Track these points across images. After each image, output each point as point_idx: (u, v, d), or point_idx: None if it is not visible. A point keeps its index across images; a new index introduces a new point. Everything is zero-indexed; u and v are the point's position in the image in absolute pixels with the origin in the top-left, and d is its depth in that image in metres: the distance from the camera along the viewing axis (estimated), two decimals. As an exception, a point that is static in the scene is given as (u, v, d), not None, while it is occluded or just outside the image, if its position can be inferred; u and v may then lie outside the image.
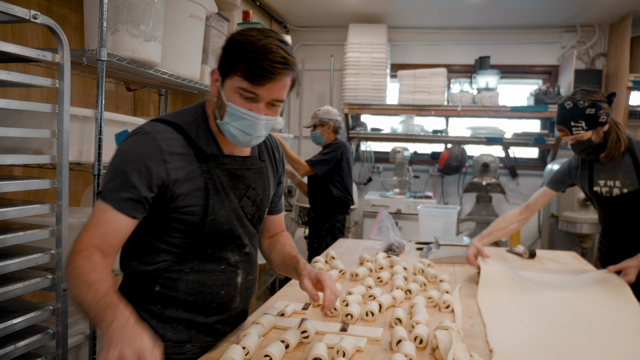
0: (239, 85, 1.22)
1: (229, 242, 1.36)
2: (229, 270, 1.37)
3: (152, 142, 1.23)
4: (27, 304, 1.64)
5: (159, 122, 1.28)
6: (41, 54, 1.53)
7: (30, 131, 1.56)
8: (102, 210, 1.19)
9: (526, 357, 1.33)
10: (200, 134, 1.31)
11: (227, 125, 1.27)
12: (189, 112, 1.34)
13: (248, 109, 1.24)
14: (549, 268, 2.41)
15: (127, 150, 1.23)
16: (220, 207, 1.31)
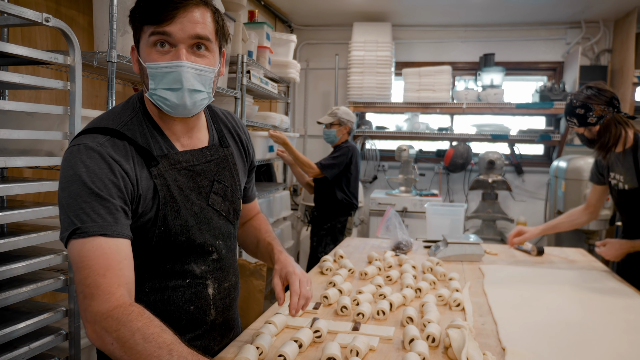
0: (148, 33, 1.06)
1: (190, 252, 1.20)
2: (196, 283, 1.23)
3: (103, 157, 1.04)
4: (39, 305, 1.65)
5: (95, 133, 1.08)
6: (53, 56, 1.54)
7: (42, 133, 1.57)
8: (96, 247, 0.97)
9: (539, 355, 1.33)
10: (145, 133, 1.13)
11: (155, 92, 1.09)
12: (124, 110, 1.15)
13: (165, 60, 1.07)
14: (557, 265, 2.41)
15: (81, 171, 1.01)
16: (174, 217, 1.15)
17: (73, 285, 1.64)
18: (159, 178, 1.12)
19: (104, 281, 0.95)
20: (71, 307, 1.64)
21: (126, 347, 0.90)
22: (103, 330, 0.92)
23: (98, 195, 1.00)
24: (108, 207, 1.01)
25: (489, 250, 2.67)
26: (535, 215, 5.04)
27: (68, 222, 1.00)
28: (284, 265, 1.29)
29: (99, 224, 0.99)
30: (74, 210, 0.99)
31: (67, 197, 1.01)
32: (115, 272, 0.97)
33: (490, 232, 4.68)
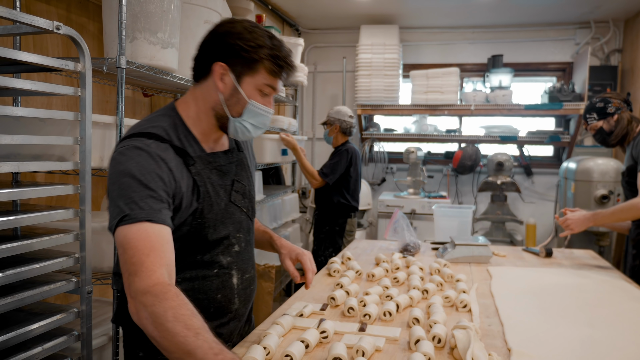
0: (264, 82, 1.24)
1: (217, 244, 1.32)
2: (222, 273, 1.34)
3: (151, 155, 1.16)
4: (52, 306, 1.68)
5: (141, 137, 1.19)
6: (64, 63, 1.57)
7: (54, 139, 1.60)
8: (142, 231, 1.06)
9: (544, 357, 1.34)
10: (181, 137, 1.26)
11: (243, 122, 1.27)
12: (162, 118, 1.27)
13: (264, 104, 1.28)
14: (566, 267, 2.40)
15: (131, 166, 1.13)
16: (209, 211, 1.27)
17: (84, 287, 1.67)
18: (197, 175, 1.25)
19: (147, 260, 1.03)
20: (83, 308, 1.67)
21: (157, 323, 0.95)
22: (141, 305, 0.98)
23: (146, 186, 1.11)
24: (154, 197, 1.11)
25: (497, 252, 2.67)
26: (544, 217, 5.01)
27: (117, 211, 1.09)
28: (291, 248, 1.48)
29: (146, 211, 1.08)
30: (124, 200, 1.09)
31: (117, 190, 1.11)
32: (158, 253, 1.05)
33: (500, 234, 4.67)
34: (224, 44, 1.22)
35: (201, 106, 1.29)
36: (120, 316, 1.35)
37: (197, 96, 1.29)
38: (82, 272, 1.67)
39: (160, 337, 0.95)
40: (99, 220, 2.01)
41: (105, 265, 1.98)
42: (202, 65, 1.27)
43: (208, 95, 1.27)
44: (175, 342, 0.92)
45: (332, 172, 3.56)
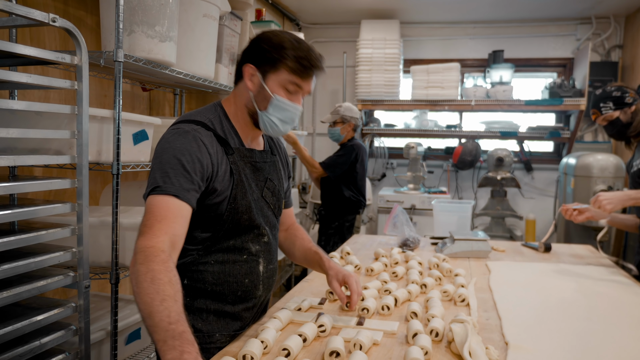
0: (287, 78, 1.35)
1: (248, 231, 1.43)
2: (251, 259, 1.44)
3: (195, 139, 1.29)
4: (50, 301, 1.68)
5: (189, 122, 1.34)
6: (60, 56, 1.57)
7: (51, 132, 1.59)
8: (165, 202, 1.19)
9: (542, 350, 1.34)
10: (224, 130, 1.39)
11: (270, 116, 1.38)
12: (208, 110, 1.42)
13: (290, 100, 1.38)
14: (565, 261, 2.40)
15: (175, 145, 1.26)
16: (242, 198, 1.38)
17: (82, 281, 1.67)
18: (234, 164, 1.37)
19: (157, 225, 1.14)
20: (80, 303, 1.66)
21: (137, 280, 1.04)
22: (135, 261, 1.07)
23: (183, 166, 1.23)
24: (187, 178, 1.23)
25: (496, 247, 2.67)
26: (544, 213, 5.01)
27: (152, 182, 1.22)
28: (338, 270, 1.52)
29: (176, 187, 1.20)
30: (160, 173, 1.22)
31: (158, 163, 1.25)
32: (169, 223, 1.16)
33: (499, 230, 4.66)
34: (253, 48, 1.38)
35: (238, 104, 1.43)
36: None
37: (235, 95, 1.44)
38: (79, 267, 1.67)
39: (135, 293, 1.03)
40: (96, 215, 2.01)
41: (103, 260, 1.97)
42: (238, 69, 1.42)
43: (242, 94, 1.41)
44: (143, 302, 1.00)
45: (333, 165, 3.57)
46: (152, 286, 1.01)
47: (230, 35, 2.82)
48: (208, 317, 1.40)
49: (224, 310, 1.41)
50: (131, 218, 2.01)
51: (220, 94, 3.27)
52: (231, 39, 2.85)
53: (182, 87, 2.99)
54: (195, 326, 1.38)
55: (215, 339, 1.40)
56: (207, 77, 2.51)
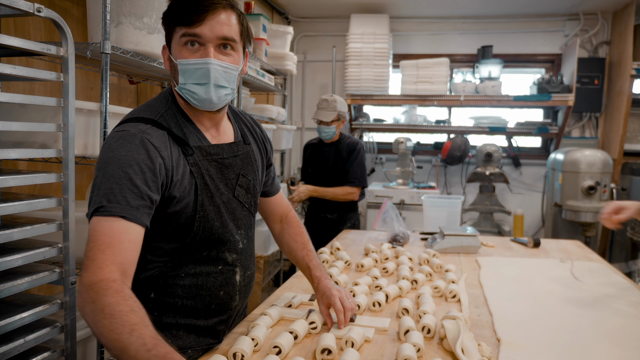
0: (180, 34, 1.17)
1: (223, 241, 1.29)
2: (227, 270, 1.32)
3: (143, 143, 1.12)
4: (35, 297, 1.65)
5: (137, 122, 1.18)
6: (45, 47, 1.53)
7: (36, 125, 1.55)
8: (109, 226, 1.03)
9: (533, 346, 1.34)
10: (180, 124, 1.23)
11: (184, 86, 1.19)
12: (158, 103, 1.25)
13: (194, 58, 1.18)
14: (554, 257, 2.41)
15: (120, 154, 1.09)
16: (210, 203, 1.24)
17: (68, 277, 1.63)
18: (194, 166, 1.21)
19: (100, 256, 1.00)
20: (67, 299, 1.63)
21: (95, 320, 0.92)
22: (84, 300, 0.96)
23: (130, 179, 1.08)
24: (135, 193, 1.08)
25: (485, 242, 2.68)
26: (532, 208, 5.04)
27: (96, 200, 1.06)
28: (324, 291, 1.43)
29: (122, 205, 1.05)
30: (104, 189, 1.06)
31: (101, 177, 1.08)
32: (114, 251, 1.02)
33: (488, 225, 4.69)
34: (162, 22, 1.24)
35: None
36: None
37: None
38: (65, 263, 1.64)
39: (98, 333, 0.92)
40: (83, 210, 1.96)
41: (89, 255, 1.94)
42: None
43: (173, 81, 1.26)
44: (111, 339, 0.90)
45: (363, 176, 3.20)
46: (113, 321, 0.90)
47: (219, 28, 2.78)
48: (178, 333, 1.27)
49: (195, 324, 1.28)
50: (118, 213, 1.97)
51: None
52: (220, 31, 2.81)
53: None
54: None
55: (187, 355, 1.26)
56: (196, 70, 2.47)
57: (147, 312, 0.97)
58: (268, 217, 1.62)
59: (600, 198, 4.01)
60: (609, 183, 4.05)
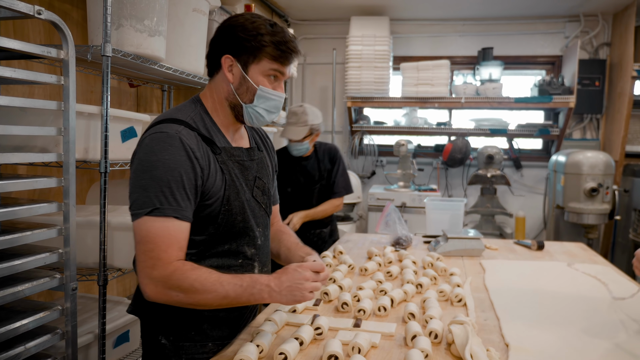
0: (269, 67, 1.30)
1: (243, 234, 1.38)
2: (246, 263, 1.40)
3: (182, 145, 1.23)
4: (35, 304, 1.63)
5: (171, 123, 1.27)
6: (45, 50, 1.51)
7: (36, 129, 1.54)
8: (165, 227, 1.18)
9: (542, 351, 1.32)
10: (207, 127, 1.33)
11: (256, 107, 1.34)
12: (187, 108, 1.35)
13: (274, 89, 1.34)
14: (558, 259, 2.39)
15: (164, 158, 1.21)
16: (235, 199, 1.34)
17: (69, 283, 1.61)
18: (223, 164, 1.32)
19: (165, 255, 1.18)
20: (67, 305, 1.61)
21: (190, 293, 1.17)
22: (166, 289, 1.17)
23: (177, 182, 1.20)
24: (183, 194, 1.21)
25: (488, 244, 2.66)
26: (534, 210, 5.02)
27: (147, 201, 1.18)
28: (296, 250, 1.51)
29: (174, 207, 1.19)
30: (155, 192, 1.19)
31: (149, 179, 1.19)
32: (174, 248, 1.20)
33: (489, 227, 4.66)
34: (228, 37, 1.30)
35: (216, 98, 1.37)
36: (141, 305, 1.39)
37: (212, 89, 1.37)
38: (66, 268, 1.62)
39: (196, 303, 1.18)
40: (83, 214, 1.95)
41: (90, 261, 1.92)
42: (213, 61, 1.35)
43: (221, 87, 1.35)
44: (210, 298, 1.17)
45: (347, 183, 3.05)
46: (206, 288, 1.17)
47: (220, 31, 2.77)
48: (202, 326, 1.36)
49: (217, 316, 1.37)
50: (119, 217, 1.95)
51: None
52: (221, 34, 2.79)
53: (170, 83, 2.93)
54: (188, 335, 1.34)
55: (208, 348, 1.36)
56: (197, 73, 2.46)
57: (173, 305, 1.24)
58: None
59: (602, 200, 4.00)
60: (611, 185, 4.03)
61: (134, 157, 1.26)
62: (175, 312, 1.32)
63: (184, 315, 1.33)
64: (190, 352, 1.34)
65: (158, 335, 1.35)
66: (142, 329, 1.42)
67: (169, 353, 1.34)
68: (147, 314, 1.38)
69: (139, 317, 1.43)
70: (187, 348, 1.34)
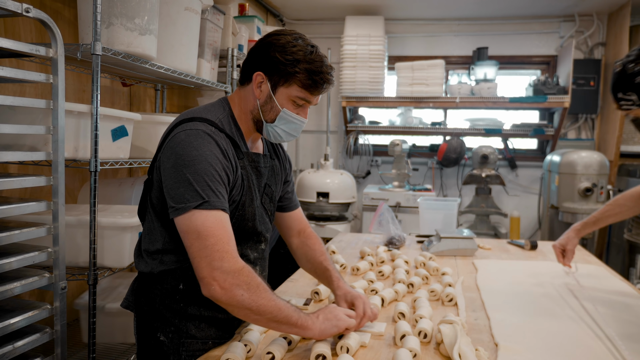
0: (297, 94, 1.32)
1: (249, 238, 1.41)
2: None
3: (215, 143, 1.25)
4: (24, 303, 1.62)
5: (203, 122, 1.28)
6: (34, 48, 1.50)
7: (25, 127, 1.53)
8: (218, 218, 1.19)
9: (531, 350, 1.31)
10: (233, 131, 1.35)
11: (276, 128, 1.36)
12: (216, 109, 1.36)
13: (297, 114, 1.35)
14: (551, 259, 2.39)
15: (205, 152, 1.22)
16: (249, 205, 1.36)
17: (58, 282, 1.60)
18: (243, 169, 1.35)
19: (229, 247, 1.18)
20: (57, 305, 1.60)
21: (256, 294, 1.17)
22: (234, 284, 1.15)
23: (220, 176, 1.22)
24: (223, 189, 1.24)
25: (482, 244, 2.66)
26: (528, 210, 5.03)
27: (194, 195, 1.18)
28: (347, 291, 1.47)
29: (221, 200, 1.21)
30: (201, 185, 1.19)
31: (193, 174, 1.19)
32: (233, 241, 1.21)
33: (484, 227, 4.67)
34: (265, 55, 1.31)
35: (242, 107, 1.38)
36: (138, 302, 1.39)
37: (240, 97, 1.39)
38: (55, 268, 1.61)
39: (257, 305, 1.16)
40: (74, 213, 1.94)
41: (80, 260, 1.91)
42: (247, 72, 1.36)
43: (248, 100, 1.37)
44: (270, 306, 1.17)
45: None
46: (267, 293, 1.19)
47: (212, 30, 2.76)
48: (200, 325, 1.36)
49: (217, 317, 1.37)
50: (110, 217, 1.95)
51: (203, 90, 3.21)
52: (214, 33, 2.79)
53: (163, 83, 2.92)
54: (189, 332, 1.34)
55: (208, 346, 1.35)
56: (189, 72, 2.45)
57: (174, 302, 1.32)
58: (286, 232, 1.66)
59: (597, 200, 4.00)
60: (605, 184, 4.04)
61: (166, 152, 1.25)
62: (175, 309, 1.33)
63: (183, 312, 1.33)
64: (190, 350, 1.33)
65: (156, 332, 1.35)
66: (138, 325, 1.41)
67: (167, 350, 1.33)
68: (144, 309, 1.37)
69: (135, 312, 1.42)
70: (188, 345, 1.33)
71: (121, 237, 1.94)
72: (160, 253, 1.33)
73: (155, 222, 1.33)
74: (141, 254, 1.38)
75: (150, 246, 1.34)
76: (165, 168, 1.24)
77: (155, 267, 1.33)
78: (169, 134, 1.29)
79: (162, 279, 1.34)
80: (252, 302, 1.16)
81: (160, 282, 1.34)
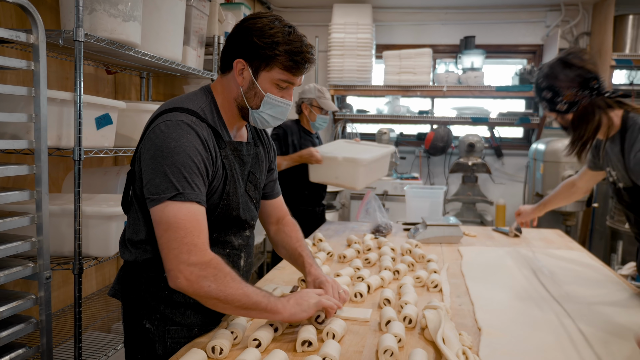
0: (280, 77, 1.31)
1: (234, 227, 1.41)
2: (233, 253, 1.43)
3: (196, 133, 1.24)
4: (8, 293, 1.61)
5: (184, 112, 1.27)
6: (14, 34, 1.47)
7: (6, 115, 1.50)
8: (192, 212, 1.20)
9: (515, 335, 1.34)
10: (215, 120, 1.34)
11: (262, 113, 1.36)
12: (199, 98, 1.35)
13: (281, 97, 1.35)
14: (535, 246, 2.42)
15: (184, 144, 1.21)
16: (233, 194, 1.36)
17: (42, 272, 1.59)
18: (225, 159, 1.34)
19: (199, 241, 1.19)
20: (41, 294, 1.59)
21: (224, 283, 1.18)
22: (201, 276, 1.16)
23: (198, 168, 1.22)
24: (202, 180, 1.24)
25: (467, 232, 2.68)
26: (514, 198, 5.08)
27: (169, 186, 1.19)
28: (316, 276, 1.48)
29: (196, 192, 1.21)
30: (177, 177, 1.19)
31: (170, 165, 1.20)
32: (204, 234, 1.21)
33: (470, 215, 4.71)
34: (244, 41, 1.30)
35: (226, 96, 1.37)
36: (124, 290, 1.39)
37: (223, 86, 1.38)
38: (39, 257, 1.60)
39: (227, 293, 1.18)
40: (58, 203, 1.92)
41: (65, 250, 1.90)
42: (227, 60, 1.35)
43: (231, 88, 1.36)
44: (239, 293, 1.19)
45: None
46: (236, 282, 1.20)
47: (198, 17, 2.73)
48: (186, 312, 1.35)
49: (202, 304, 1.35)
50: (95, 206, 1.93)
51: (189, 78, 3.18)
52: (200, 20, 2.76)
53: (148, 70, 2.89)
54: (174, 319, 1.34)
55: (193, 333, 1.35)
56: (175, 60, 2.42)
57: (159, 289, 1.32)
58: (266, 220, 1.67)
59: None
60: (589, 173, 4.08)
61: (146, 143, 1.25)
62: (160, 296, 1.32)
63: (168, 299, 1.33)
64: (176, 337, 1.33)
65: (142, 319, 1.35)
66: (124, 313, 1.41)
67: (153, 337, 1.33)
68: (131, 297, 1.37)
69: (122, 300, 1.42)
70: (173, 332, 1.33)
71: (106, 226, 1.92)
72: (144, 243, 1.32)
73: (138, 213, 1.33)
74: (125, 243, 1.38)
75: (134, 236, 1.34)
76: (144, 159, 1.24)
77: (140, 256, 1.33)
78: (150, 125, 1.28)
79: (146, 267, 1.33)
80: (220, 291, 1.17)
81: (145, 270, 1.34)
